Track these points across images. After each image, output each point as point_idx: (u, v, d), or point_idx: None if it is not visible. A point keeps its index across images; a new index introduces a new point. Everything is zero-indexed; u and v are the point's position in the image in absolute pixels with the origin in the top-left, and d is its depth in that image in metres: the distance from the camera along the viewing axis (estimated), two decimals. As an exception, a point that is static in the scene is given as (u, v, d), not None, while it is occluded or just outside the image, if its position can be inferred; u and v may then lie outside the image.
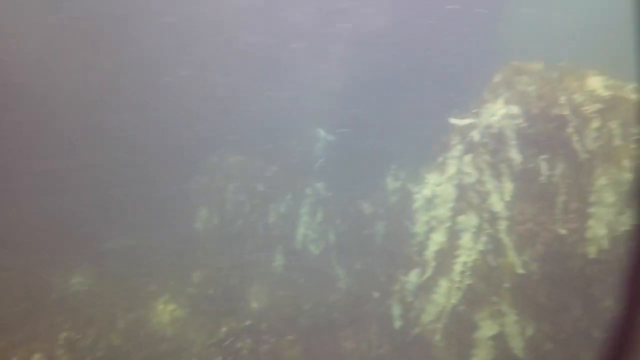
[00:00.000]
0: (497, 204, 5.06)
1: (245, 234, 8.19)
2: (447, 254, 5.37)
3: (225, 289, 7.88)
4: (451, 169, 5.37)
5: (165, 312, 7.24)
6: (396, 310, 5.92)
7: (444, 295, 5.30)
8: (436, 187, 5.57)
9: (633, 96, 4.69)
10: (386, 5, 8.18)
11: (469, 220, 5.26)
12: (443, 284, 5.35)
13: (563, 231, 4.73)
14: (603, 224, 4.41)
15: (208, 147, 8.92)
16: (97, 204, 8.74)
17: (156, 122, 8.94)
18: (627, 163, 4.50)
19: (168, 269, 8.19)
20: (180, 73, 8.72)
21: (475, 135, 5.37)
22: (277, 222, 8.13)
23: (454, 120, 5.49)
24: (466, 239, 5.23)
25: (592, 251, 4.42)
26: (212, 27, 8.45)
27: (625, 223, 4.42)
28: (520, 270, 4.88)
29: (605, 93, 4.74)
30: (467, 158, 5.30)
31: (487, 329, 5.03)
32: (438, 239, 5.44)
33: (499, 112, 5.25)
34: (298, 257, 7.93)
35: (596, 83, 4.84)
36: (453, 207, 5.30)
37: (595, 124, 4.63)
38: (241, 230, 8.22)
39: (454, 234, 5.31)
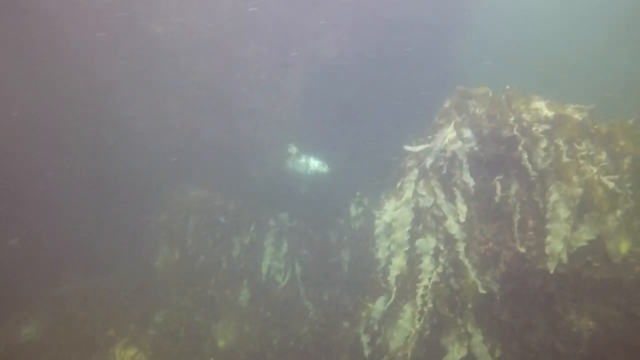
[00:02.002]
0: (453, 226, 5.11)
1: (208, 269, 7.97)
2: (408, 279, 5.37)
3: (189, 328, 7.62)
4: (408, 193, 5.42)
5: (124, 358, 6.89)
6: (365, 338, 5.81)
7: (409, 320, 5.26)
8: (394, 211, 5.59)
9: (576, 115, 4.90)
10: (341, 35, 8.34)
11: (427, 243, 5.28)
12: (407, 309, 5.32)
13: (522, 249, 4.80)
14: (560, 240, 4.50)
15: (167, 181, 8.72)
16: (51, 245, 8.36)
17: (113, 156, 8.72)
18: (576, 179, 4.64)
19: (128, 311, 7.88)
20: (136, 106, 8.57)
21: (430, 160, 5.45)
22: (241, 255, 7.96)
23: (408, 147, 5.57)
24: (426, 263, 5.25)
25: (551, 267, 4.49)
26: (170, 60, 8.38)
27: (580, 238, 4.53)
28: (483, 291, 4.90)
29: (550, 113, 4.92)
30: (422, 182, 5.35)
31: (455, 352, 5.00)
32: (398, 263, 5.44)
33: (451, 135, 5.35)
34: (264, 290, 7.76)
35: (540, 104, 5.03)
36: (410, 230, 5.32)
37: (543, 143, 4.78)
38: (204, 265, 8.00)
39: (413, 258, 5.31)
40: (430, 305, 5.16)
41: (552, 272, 4.48)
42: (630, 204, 4.66)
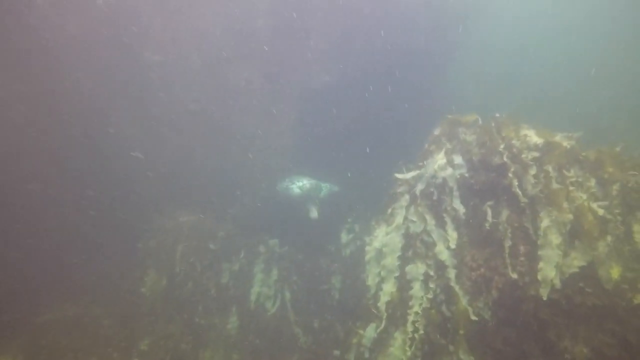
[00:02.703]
0: (443, 252, 5.09)
1: (196, 296, 7.81)
2: (398, 305, 5.29)
3: (175, 356, 7.40)
4: (398, 219, 5.41)
5: (107, 388, 6.65)
6: (356, 367, 5.68)
7: (400, 347, 5.16)
8: (384, 237, 5.56)
9: (564, 142, 4.99)
10: (332, 64, 8.49)
11: (417, 269, 5.24)
12: (398, 336, 5.22)
13: (514, 275, 4.78)
14: (552, 266, 4.50)
15: (157, 207, 8.65)
16: (32, 270, 8.16)
17: (103, 182, 8.65)
18: (566, 205, 4.68)
19: (113, 339, 7.64)
20: (129, 132, 8.57)
21: (420, 186, 5.47)
22: (230, 282, 7.83)
23: (399, 175, 5.59)
24: (416, 289, 5.19)
25: (544, 293, 4.47)
26: (163, 87, 8.45)
27: (572, 264, 4.53)
28: (474, 317, 4.85)
29: (539, 140, 5.00)
30: (413, 208, 5.36)
31: (448, 381, 4.90)
32: (388, 289, 5.37)
33: (441, 162, 5.40)
34: (253, 317, 7.60)
35: (530, 131, 5.12)
36: (400, 256, 5.28)
37: (533, 170, 4.84)
38: (192, 292, 7.84)
39: (404, 284, 5.25)
40: (421, 331, 5.08)
41: (545, 298, 4.46)
42: (620, 229, 4.70)
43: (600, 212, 4.66)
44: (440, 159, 5.32)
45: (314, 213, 8.01)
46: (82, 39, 7.84)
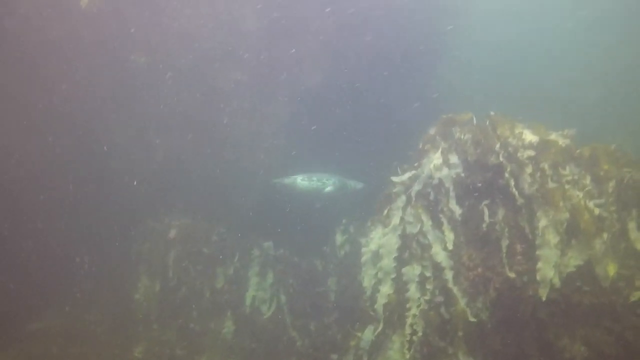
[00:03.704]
0: (439, 253, 5.05)
1: (190, 301, 7.71)
2: (396, 307, 5.25)
3: (171, 363, 7.31)
4: (395, 220, 5.36)
5: (102, 397, 6.55)
6: (354, 370, 5.64)
7: (398, 350, 5.12)
8: (381, 238, 5.51)
9: (560, 140, 4.98)
10: (323, 63, 8.42)
11: (414, 270, 5.19)
12: (396, 339, 5.18)
13: (512, 274, 4.77)
14: (551, 265, 4.49)
15: (149, 211, 8.53)
16: (23, 278, 8.02)
17: (93, 186, 8.52)
18: (562, 204, 4.67)
19: (106, 347, 7.53)
20: (118, 136, 8.45)
21: (417, 186, 5.43)
22: (225, 286, 7.74)
23: (394, 178, 5.53)
24: (413, 290, 5.14)
25: (543, 293, 4.46)
26: (151, 89, 8.33)
27: (569, 263, 4.53)
28: (473, 319, 4.82)
29: (534, 138, 4.99)
30: (410, 209, 5.31)
31: (448, 382, 4.88)
32: (385, 291, 5.32)
33: (437, 162, 5.36)
34: (249, 321, 7.53)
35: (525, 129, 5.10)
36: (397, 257, 5.23)
37: (529, 169, 4.82)
38: (186, 297, 7.74)
39: (400, 286, 5.20)
40: (420, 334, 5.04)
41: (544, 298, 4.45)
42: (616, 227, 4.71)
43: (596, 210, 4.66)
44: (436, 158, 5.28)
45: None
46: (66, 42, 7.69)
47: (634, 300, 4.45)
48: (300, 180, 8.11)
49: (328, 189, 7.97)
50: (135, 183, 8.27)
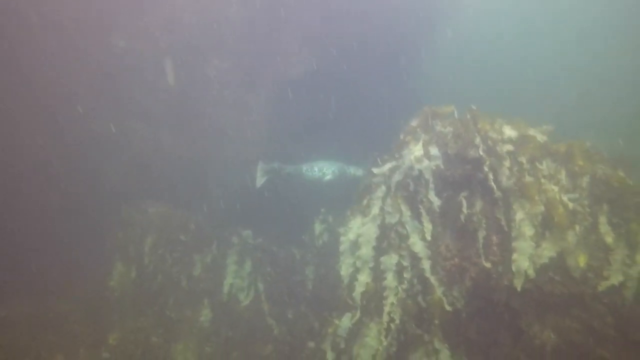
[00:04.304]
0: (417, 243, 5.15)
1: (167, 289, 7.65)
2: (374, 295, 5.33)
3: (146, 350, 7.25)
4: (374, 210, 5.42)
5: (75, 384, 6.46)
6: (330, 357, 5.70)
7: (375, 337, 5.21)
8: (360, 228, 5.57)
9: (538, 136, 5.12)
10: (307, 54, 8.40)
11: (392, 259, 5.27)
12: (373, 327, 5.27)
13: (488, 264, 4.90)
14: (526, 257, 4.64)
15: (126, 198, 8.39)
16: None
17: (67, 171, 8.33)
18: (538, 197, 4.82)
19: (79, 335, 7.40)
20: (95, 121, 8.26)
21: (397, 177, 5.49)
22: (202, 274, 7.69)
23: (376, 170, 5.58)
24: (390, 279, 5.23)
25: (518, 284, 4.60)
26: (131, 75, 8.15)
27: (542, 255, 4.68)
28: (449, 307, 4.94)
29: (513, 133, 5.12)
30: (389, 199, 5.38)
31: (423, 369, 4.99)
32: (363, 280, 5.39)
33: (418, 153, 5.43)
34: (226, 309, 7.52)
35: (505, 124, 5.22)
36: (375, 247, 5.30)
37: (507, 163, 4.95)
38: (162, 285, 7.66)
39: (378, 275, 5.28)
40: (397, 322, 5.14)
41: (519, 289, 4.59)
42: (588, 220, 4.88)
43: (570, 204, 4.82)
44: (417, 150, 5.36)
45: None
46: (43, 24, 7.46)
47: (601, 290, 4.63)
48: (304, 171, 8.12)
49: (327, 177, 7.99)
50: (112, 169, 8.12)
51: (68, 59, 7.74)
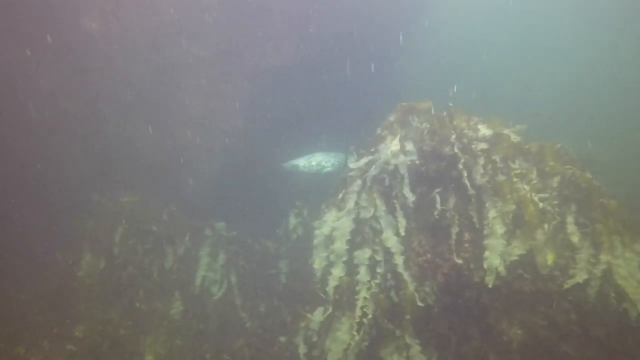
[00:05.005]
0: (391, 238, 5.17)
1: (137, 281, 7.50)
2: (346, 290, 5.33)
3: (113, 342, 7.11)
4: (349, 204, 5.42)
5: (36, 377, 6.28)
6: (302, 350, 5.70)
7: (347, 332, 5.22)
8: (335, 221, 5.56)
9: (512, 135, 5.21)
10: (286, 45, 8.32)
11: (365, 254, 5.28)
12: (345, 321, 5.28)
13: (459, 261, 4.96)
14: (497, 254, 4.71)
15: (96, 186, 8.17)
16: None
17: (36, 157, 8.05)
18: (510, 196, 4.91)
19: (43, 326, 7.20)
20: (64, 106, 8.00)
21: (373, 171, 5.50)
22: (174, 265, 7.57)
23: (352, 165, 5.57)
24: (363, 274, 5.24)
25: (490, 281, 4.68)
26: (103, 59, 7.91)
27: (513, 252, 4.77)
28: (421, 303, 4.99)
29: (488, 132, 5.19)
30: (364, 193, 5.39)
31: (394, 364, 5.04)
32: (337, 274, 5.38)
33: (394, 148, 5.45)
34: (198, 302, 7.43)
35: (480, 122, 5.29)
36: (349, 240, 5.30)
37: (481, 161, 5.01)
38: (132, 276, 7.50)
39: (351, 269, 5.29)
40: (369, 316, 5.17)
41: (490, 286, 4.67)
42: (556, 220, 5.00)
43: (540, 203, 4.92)
44: (393, 145, 5.37)
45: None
46: (9, 2, 7.17)
47: (567, 287, 4.75)
48: (302, 166, 8.01)
49: (327, 169, 7.91)
50: (82, 156, 7.89)
51: (34, 38, 7.45)
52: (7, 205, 7.99)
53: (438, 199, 5.21)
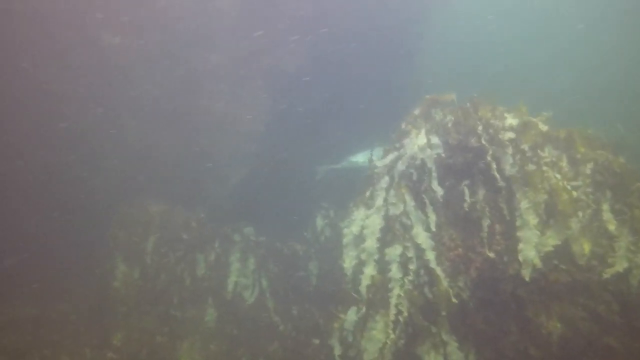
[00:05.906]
0: (421, 234, 5.10)
1: (170, 289, 7.63)
2: (379, 288, 5.28)
3: (151, 350, 7.22)
4: (378, 201, 5.37)
5: (81, 385, 6.44)
6: (337, 351, 5.68)
7: (382, 330, 5.17)
8: (364, 220, 5.52)
9: (539, 122, 5.09)
10: (302, 48, 8.33)
11: (396, 251, 5.23)
12: (380, 319, 5.23)
13: (492, 254, 4.87)
14: (532, 246, 4.61)
15: (125, 197, 8.34)
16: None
17: (65, 172, 8.27)
18: (541, 185, 4.79)
19: (83, 336, 7.38)
20: (90, 119, 8.20)
21: (401, 167, 5.44)
22: (205, 272, 7.67)
23: (378, 162, 5.52)
24: (395, 271, 5.18)
25: (526, 274, 4.57)
26: (125, 71, 8.07)
27: (547, 243, 4.65)
28: (455, 300, 4.91)
29: (514, 121, 5.08)
30: (392, 189, 5.34)
31: (431, 361, 4.98)
32: (369, 272, 5.34)
33: (420, 142, 5.39)
34: (231, 307, 7.50)
35: (506, 111, 5.18)
36: (380, 238, 5.25)
37: (510, 151, 4.91)
38: (166, 284, 7.64)
39: (384, 267, 5.24)
40: (404, 314, 5.11)
41: (527, 279, 4.56)
42: (591, 208, 4.86)
43: (574, 191, 4.79)
44: (420, 139, 5.31)
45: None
46: (33, 19, 7.36)
47: (606, 277, 4.61)
48: (362, 162, 8.00)
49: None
50: (109, 168, 8.07)
51: (58, 55, 7.65)
52: (43, 221, 8.23)
53: (467, 191, 5.13)
